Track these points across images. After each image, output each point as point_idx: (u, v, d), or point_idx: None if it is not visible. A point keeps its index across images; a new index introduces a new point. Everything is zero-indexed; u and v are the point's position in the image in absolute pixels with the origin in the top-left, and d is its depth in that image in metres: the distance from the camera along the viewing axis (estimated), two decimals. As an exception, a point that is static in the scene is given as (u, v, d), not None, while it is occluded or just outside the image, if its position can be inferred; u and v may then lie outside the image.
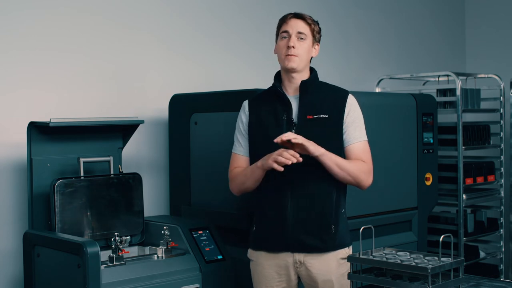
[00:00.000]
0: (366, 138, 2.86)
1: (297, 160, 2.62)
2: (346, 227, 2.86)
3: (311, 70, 2.91)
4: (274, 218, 2.80)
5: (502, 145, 4.96)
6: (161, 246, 3.22)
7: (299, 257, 2.79)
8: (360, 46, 5.24)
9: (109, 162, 3.46)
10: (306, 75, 2.86)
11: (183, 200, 3.82)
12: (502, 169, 4.94)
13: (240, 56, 4.46)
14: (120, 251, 3.08)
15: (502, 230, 4.94)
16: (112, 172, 3.45)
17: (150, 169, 4.03)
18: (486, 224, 4.86)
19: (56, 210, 3.16)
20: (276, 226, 2.80)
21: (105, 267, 2.95)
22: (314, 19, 2.87)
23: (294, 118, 2.80)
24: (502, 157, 4.95)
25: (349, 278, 2.47)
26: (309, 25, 2.82)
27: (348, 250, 2.83)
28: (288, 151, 2.62)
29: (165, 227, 3.24)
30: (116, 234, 3.14)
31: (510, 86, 5.08)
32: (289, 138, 2.61)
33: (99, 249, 2.83)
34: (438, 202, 4.39)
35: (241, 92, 3.51)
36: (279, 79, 2.89)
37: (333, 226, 2.79)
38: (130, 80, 3.95)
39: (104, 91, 3.84)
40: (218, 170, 3.55)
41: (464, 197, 4.58)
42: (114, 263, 3.03)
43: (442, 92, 4.81)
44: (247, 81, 4.33)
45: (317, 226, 2.77)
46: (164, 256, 3.19)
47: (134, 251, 3.37)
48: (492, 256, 4.95)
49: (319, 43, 2.90)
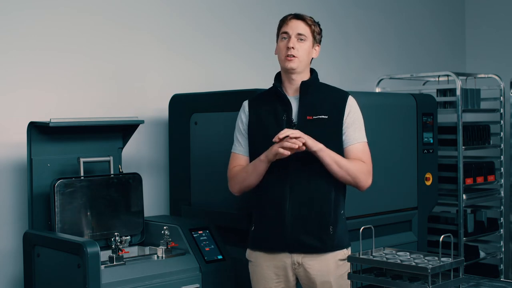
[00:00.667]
0: (366, 140, 2.86)
1: (300, 146, 2.62)
2: (344, 228, 2.86)
3: (312, 71, 2.91)
4: (273, 218, 2.80)
5: (502, 145, 4.96)
6: (161, 246, 3.22)
7: (297, 258, 2.79)
8: (360, 46, 5.24)
9: (109, 162, 3.46)
10: (306, 76, 2.86)
11: (183, 200, 3.82)
12: (502, 169, 4.94)
13: (240, 56, 4.46)
14: (120, 251, 3.08)
15: (502, 230, 4.94)
16: (112, 172, 3.45)
17: (150, 169, 4.03)
18: (486, 224, 4.86)
19: (56, 210, 3.16)
20: (274, 226, 2.79)
21: (105, 267, 2.95)
22: (314, 20, 2.86)
23: (294, 119, 2.80)
24: (502, 157, 4.95)
25: (349, 278, 2.47)
26: (309, 26, 2.82)
27: (346, 251, 2.83)
28: (286, 144, 2.63)
29: (165, 227, 3.24)
30: (116, 234, 3.14)
31: (510, 86, 5.08)
32: (286, 134, 2.62)
33: (99, 249, 2.83)
34: (438, 202, 4.39)
35: (241, 92, 3.51)
36: (280, 80, 2.89)
37: (331, 227, 2.79)
38: (130, 80, 3.95)
39: (104, 91, 3.84)
40: (218, 170, 3.55)
41: (464, 197, 4.58)
42: (114, 263, 3.03)
43: (442, 92, 4.81)
44: (247, 81, 4.33)
45: (315, 227, 2.77)
46: (164, 256, 3.19)
47: (134, 251, 3.37)
48: (492, 256, 4.95)
49: (320, 44, 2.90)
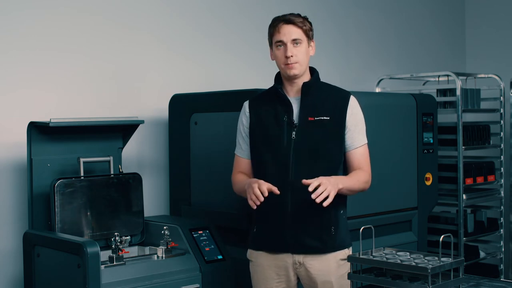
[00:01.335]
0: (367, 140, 2.87)
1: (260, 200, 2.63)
2: (346, 228, 2.86)
3: (312, 70, 2.89)
4: (274, 219, 2.79)
5: (502, 145, 4.96)
6: (161, 246, 3.22)
7: (299, 258, 2.79)
8: (360, 46, 5.23)
9: (109, 162, 3.46)
10: (307, 77, 2.84)
11: (183, 200, 3.82)
12: (502, 169, 4.94)
13: (240, 56, 4.46)
14: (120, 251, 3.08)
15: (502, 230, 4.94)
16: (112, 172, 3.45)
17: (150, 169, 4.03)
18: (486, 224, 4.86)
19: (56, 210, 3.16)
20: (276, 227, 2.79)
21: (105, 267, 2.95)
22: (303, 17, 2.81)
23: (295, 120, 2.79)
24: (502, 157, 4.95)
25: (349, 278, 2.47)
26: (300, 28, 2.77)
27: (348, 251, 2.83)
28: (255, 192, 2.61)
29: (165, 227, 3.24)
30: (116, 234, 3.14)
31: (510, 86, 5.08)
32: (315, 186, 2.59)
33: (99, 249, 2.83)
34: (438, 202, 4.39)
35: (241, 92, 3.51)
36: (280, 80, 2.88)
37: (333, 227, 2.79)
38: (130, 80, 3.95)
39: (104, 91, 3.84)
40: (218, 170, 3.56)
41: (464, 197, 4.58)
42: (114, 263, 3.03)
43: (442, 92, 4.81)
44: (247, 81, 4.33)
45: (317, 227, 2.77)
46: (164, 256, 3.19)
47: (134, 251, 3.37)
48: (492, 256, 4.95)
49: (314, 39, 2.86)
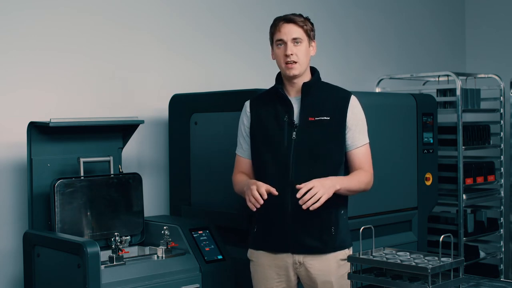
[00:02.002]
0: (368, 140, 2.87)
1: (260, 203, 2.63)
2: (346, 228, 2.86)
3: (313, 70, 2.89)
4: (275, 220, 2.79)
5: (502, 145, 4.96)
6: (161, 246, 3.22)
7: (299, 257, 2.79)
8: (360, 46, 5.23)
9: (109, 162, 3.46)
10: (307, 77, 2.84)
11: (183, 200, 3.82)
12: (502, 169, 4.94)
13: (240, 56, 4.46)
14: (120, 251, 3.08)
15: (502, 230, 4.94)
16: (112, 172, 3.45)
17: (150, 169, 4.03)
18: (486, 224, 4.86)
19: (56, 210, 3.16)
20: (276, 228, 2.79)
21: (105, 267, 2.95)
22: (304, 18, 2.81)
23: (296, 120, 2.79)
24: (502, 157, 4.95)
25: (349, 278, 2.47)
26: (301, 27, 2.77)
27: (348, 251, 2.83)
28: (254, 194, 2.62)
29: (165, 227, 3.24)
30: (116, 234, 3.14)
31: (510, 86, 5.08)
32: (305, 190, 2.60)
33: (99, 249, 2.83)
34: (438, 202, 4.39)
35: (241, 92, 3.50)
36: (280, 80, 2.87)
37: (333, 227, 2.79)
38: (130, 80, 3.95)
39: (104, 91, 3.84)
40: (218, 170, 3.56)
41: (464, 197, 4.58)
42: (114, 263, 3.03)
43: (442, 92, 4.81)
44: (247, 81, 4.33)
45: (317, 227, 2.77)
46: (164, 256, 3.19)
47: (134, 251, 3.37)
48: (492, 256, 4.95)
49: (315, 39, 2.87)
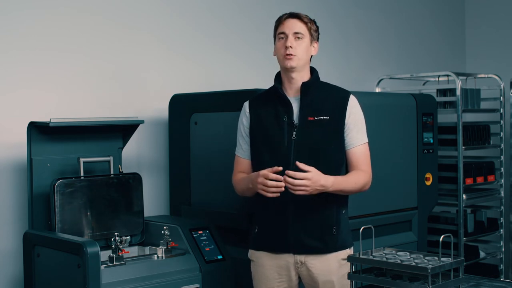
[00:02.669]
0: (367, 140, 2.87)
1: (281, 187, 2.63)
2: (347, 228, 2.86)
3: (312, 70, 2.89)
4: (276, 220, 2.79)
5: (502, 145, 4.96)
6: (161, 246, 3.22)
7: (300, 257, 2.79)
8: (360, 46, 5.23)
9: (109, 162, 3.46)
10: (306, 76, 2.85)
11: (183, 200, 3.82)
12: (502, 169, 4.94)
13: (240, 56, 4.46)
14: (120, 251, 3.08)
15: (502, 230, 4.94)
16: (112, 172, 3.45)
17: (150, 169, 4.03)
18: (486, 224, 4.86)
19: (56, 210, 3.16)
20: (277, 228, 2.79)
21: (105, 267, 2.95)
22: (310, 18, 2.85)
23: (295, 120, 2.79)
24: (502, 157, 4.95)
25: (349, 278, 2.47)
26: (305, 24, 2.80)
27: (349, 251, 2.83)
28: (269, 183, 2.62)
29: (165, 227, 3.24)
30: (116, 234, 3.14)
31: (510, 86, 5.08)
32: (297, 177, 2.60)
33: (99, 249, 2.83)
34: (438, 202, 4.39)
35: (241, 92, 3.51)
36: (280, 80, 2.88)
37: (334, 227, 2.79)
38: (130, 80, 3.95)
39: (104, 91, 3.84)
40: (218, 170, 3.56)
41: (464, 197, 4.58)
42: (114, 263, 3.03)
43: (442, 92, 4.81)
44: (247, 81, 4.33)
45: (318, 228, 2.77)
46: (164, 256, 3.19)
47: (134, 251, 3.37)
48: (492, 256, 4.95)
49: (318, 41, 2.89)
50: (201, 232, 3.36)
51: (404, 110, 4.02)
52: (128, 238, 3.28)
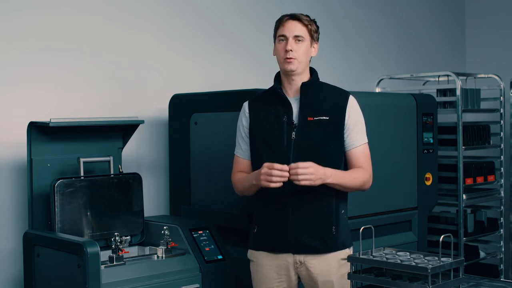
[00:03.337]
0: (367, 140, 2.87)
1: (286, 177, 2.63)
2: (347, 228, 2.86)
3: (312, 71, 2.90)
4: (275, 220, 2.80)
5: (502, 145, 4.96)
6: (161, 246, 3.22)
7: (300, 257, 2.79)
8: (360, 46, 5.23)
9: (109, 162, 3.46)
10: (306, 77, 2.85)
11: (183, 200, 3.82)
12: (502, 169, 4.94)
13: (240, 56, 4.46)
14: (120, 251, 3.08)
15: (502, 230, 4.94)
16: (112, 172, 3.45)
17: (150, 169, 4.03)
18: (486, 224, 4.86)
19: (56, 210, 3.16)
20: (277, 227, 2.80)
21: (105, 267, 2.95)
22: (310, 18, 2.84)
23: (295, 120, 2.79)
24: (502, 157, 4.95)
25: (349, 278, 2.47)
26: (305, 26, 2.80)
27: (349, 251, 2.83)
28: (273, 173, 2.62)
29: (165, 227, 3.24)
30: (116, 234, 3.14)
31: (510, 86, 5.08)
32: (299, 167, 2.61)
33: (99, 249, 2.83)
34: (438, 202, 4.39)
35: (241, 92, 3.51)
36: (279, 80, 2.88)
37: (334, 227, 2.79)
38: (130, 80, 3.95)
39: (104, 91, 3.84)
40: (218, 170, 3.56)
41: (464, 197, 4.58)
42: (114, 263, 3.03)
43: (442, 92, 4.81)
44: (247, 81, 4.33)
45: (318, 227, 2.77)
46: (164, 256, 3.19)
47: (134, 251, 3.37)
48: (492, 256, 4.95)
49: (318, 42, 2.89)
50: (201, 232, 3.36)
51: (404, 110, 4.02)
52: (128, 238, 3.28)
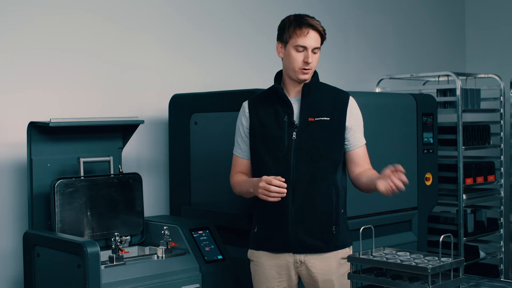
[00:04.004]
0: (365, 141, 2.89)
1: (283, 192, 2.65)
2: (346, 227, 2.87)
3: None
4: (276, 219, 2.79)
5: (502, 145, 4.96)
6: (161, 246, 3.22)
7: (300, 257, 2.79)
8: (360, 46, 5.23)
9: (109, 162, 3.46)
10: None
11: (183, 200, 3.82)
12: (502, 169, 4.94)
13: (240, 56, 4.46)
14: (120, 251, 3.08)
15: (502, 230, 4.94)
16: (112, 172, 3.45)
17: (150, 169, 4.03)
18: (486, 224, 4.86)
19: (56, 210, 3.16)
20: (277, 227, 2.80)
21: (105, 267, 2.95)
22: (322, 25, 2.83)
23: (296, 120, 2.79)
24: (502, 157, 4.95)
25: (349, 278, 2.47)
26: (322, 37, 2.80)
27: (348, 250, 2.83)
28: (272, 189, 2.62)
29: (165, 227, 3.24)
30: (116, 234, 3.14)
31: (510, 86, 5.08)
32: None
33: (99, 249, 2.83)
34: (438, 202, 4.39)
35: (241, 92, 3.51)
36: (279, 80, 2.88)
37: (334, 226, 2.79)
38: (130, 80, 3.95)
39: (104, 91, 3.84)
40: (218, 170, 3.56)
41: (464, 197, 4.58)
42: (114, 263, 3.03)
43: (442, 92, 4.81)
44: (247, 81, 4.33)
45: (318, 227, 2.77)
46: (164, 256, 3.19)
47: (134, 251, 3.37)
48: (492, 256, 4.95)
49: None
50: (201, 232, 3.36)
51: (404, 110, 4.02)
52: (128, 238, 3.28)
